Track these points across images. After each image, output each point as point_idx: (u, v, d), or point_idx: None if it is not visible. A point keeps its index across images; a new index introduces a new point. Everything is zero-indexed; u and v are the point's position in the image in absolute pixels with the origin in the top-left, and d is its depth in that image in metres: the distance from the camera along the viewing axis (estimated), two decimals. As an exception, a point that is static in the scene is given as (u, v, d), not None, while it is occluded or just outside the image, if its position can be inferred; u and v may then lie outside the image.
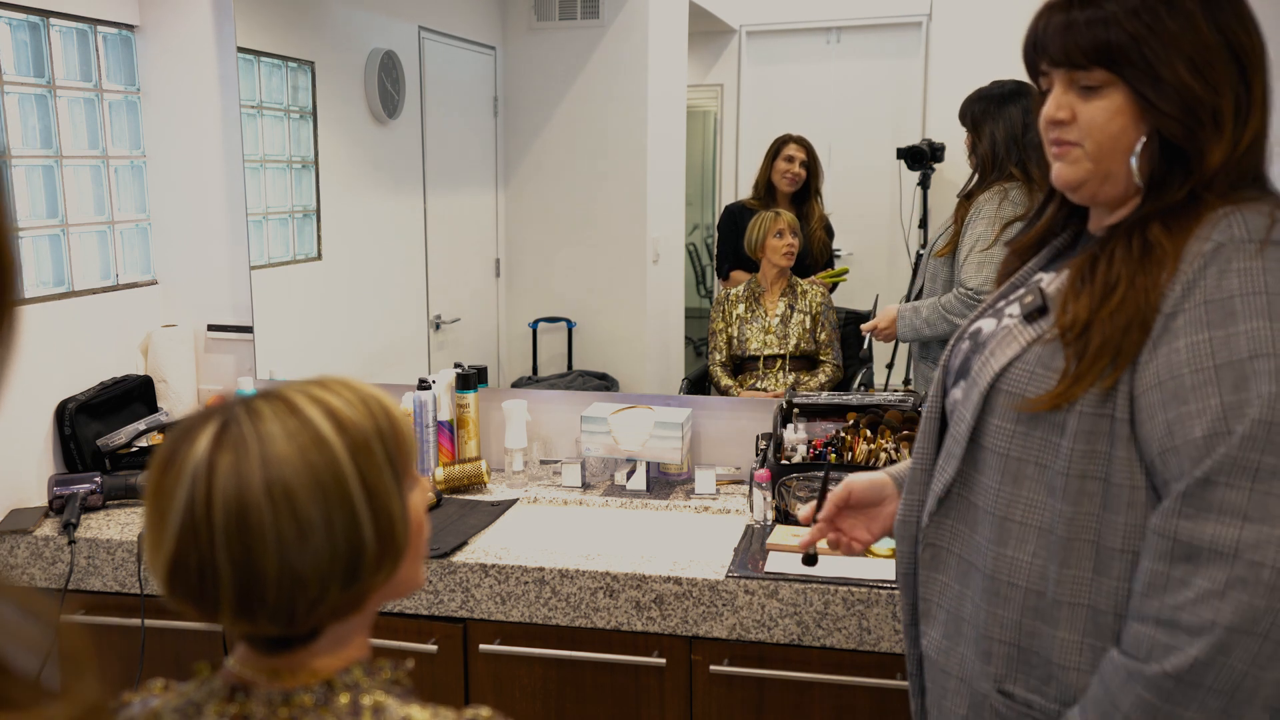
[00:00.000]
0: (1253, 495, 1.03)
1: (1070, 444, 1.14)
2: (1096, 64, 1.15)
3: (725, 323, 2.67)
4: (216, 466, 0.83)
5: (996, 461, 1.20)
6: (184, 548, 0.83)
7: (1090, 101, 1.16)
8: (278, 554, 0.83)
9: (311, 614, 0.86)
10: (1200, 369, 1.07)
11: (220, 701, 0.88)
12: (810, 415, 2.35)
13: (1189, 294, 1.09)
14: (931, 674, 1.32)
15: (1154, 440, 1.10)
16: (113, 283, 2.62)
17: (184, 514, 0.83)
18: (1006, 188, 2.24)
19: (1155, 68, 1.12)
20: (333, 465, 0.85)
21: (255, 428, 0.85)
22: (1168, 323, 1.10)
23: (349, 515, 0.85)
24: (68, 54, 2.48)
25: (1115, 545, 1.13)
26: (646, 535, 2.25)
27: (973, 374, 1.25)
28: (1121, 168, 1.17)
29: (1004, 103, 2.24)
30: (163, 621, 2.15)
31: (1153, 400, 1.10)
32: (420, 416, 2.49)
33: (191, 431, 0.86)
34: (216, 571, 0.83)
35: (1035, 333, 1.19)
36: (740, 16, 2.72)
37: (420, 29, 2.88)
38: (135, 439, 2.48)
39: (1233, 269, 1.08)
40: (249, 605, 0.84)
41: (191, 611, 0.86)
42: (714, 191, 2.82)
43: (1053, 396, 1.14)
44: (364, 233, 2.89)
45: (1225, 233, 1.09)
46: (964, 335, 1.33)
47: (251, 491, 0.82)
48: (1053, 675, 1.17)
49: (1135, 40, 1.13)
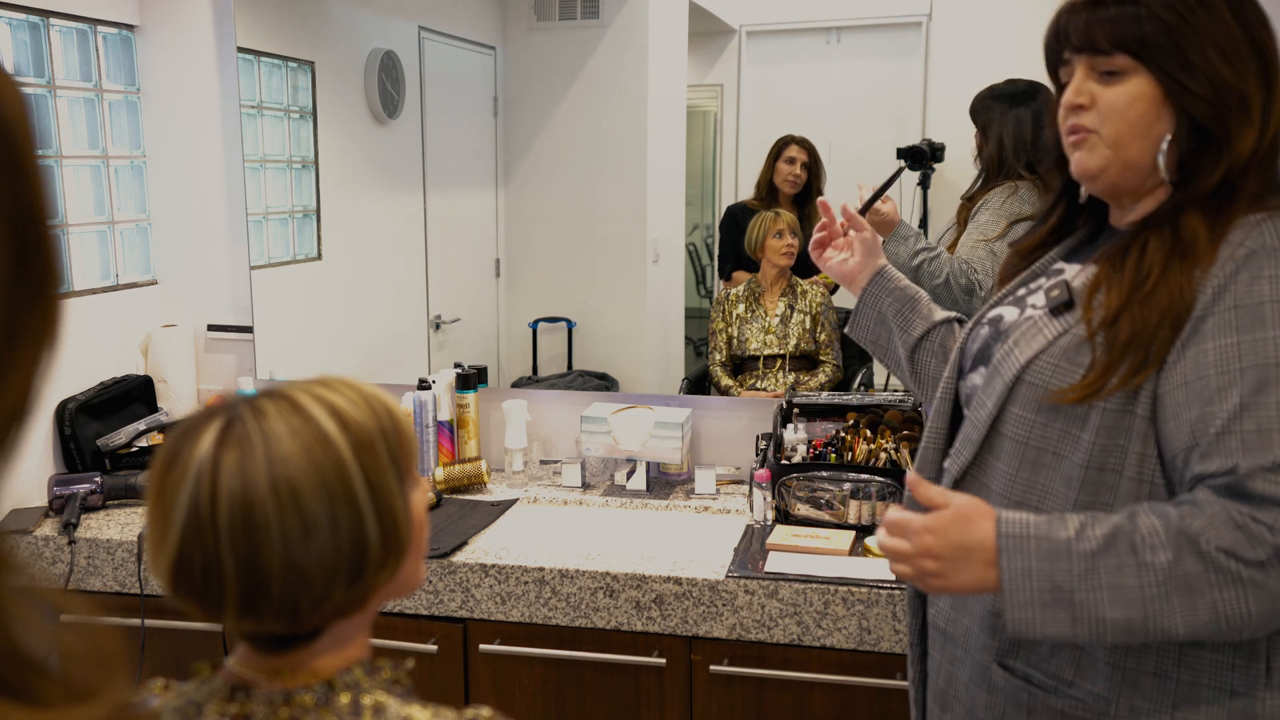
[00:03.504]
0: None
1: (1091, 438, 1.16)
2: (1119, 49, 1.17)
3: (725, 322, 2.67)
4: (221, 464, 0.83)
5: (1014, 449, 1.23)
6: (188, 546, 0.83)
7: (1111, 87, 1.19)
8: (283, 551, 0.83)
9: (315, 612, 0.86)
10: (1226, 371, 1.09)
11: (221, 701, 0.88)
12: (810, 415, 2.35)
13: (1220, 298, 1.11)
14: (937, 642, 1.37)
15: (1177, 438, 1.12)
16: (113, 283, 2.62)
17: (188, 512, 0.83)
18: (1018, 185, 2.20)
19: (1186, 53, 1.15)
20: (338, 464, 0.85)
21: (260, 426, 0.85)
22: (1197, 325, 1.12)
23: (354, 513, 0.85)
24: (68, 54, 2.48)
25: None
26: (646, 535, 2.25)
27: (994, 362, 1.27)
28: (1141, 156, 1.19)
29: (1014, 104, 2.20)
30: (162, 621, 2.15)
31: (1178, 400, 1.12)
32: (420, 416, 2.49)
33: (194, 430, 0.86)
34: (221, 569, 0.83)
35: (1061, 327, 1.21)
36: (740, 16, 2.72)
37: (420, 29, 2.88)
38: (135, 439, 2.48)
39: (1264, 275, 1.10)
40: (254, 603, 0.84)
41: (196, 610, 0.86)
42: (714, 191, 2.82)
43: (1080, 390, 1.15)
44: (364, 233, 2.89)
45: (1258, 239, 1.12)
46: (983, 321, 1.35)
47: (257, 489, 0.82)
48: (1054, 652, 1.21)
49: (1168, 28, 1.15)
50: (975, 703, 1.29)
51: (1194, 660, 1.15)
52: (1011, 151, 2.20)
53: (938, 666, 1.37)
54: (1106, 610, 1.09)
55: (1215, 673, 1.14)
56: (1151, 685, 1.16)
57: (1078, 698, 1.19)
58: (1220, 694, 1.14)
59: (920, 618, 1.43)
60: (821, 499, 2.16)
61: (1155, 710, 1.15)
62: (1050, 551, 1.10)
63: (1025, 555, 1.10)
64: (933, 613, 1.38)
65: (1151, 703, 1.15)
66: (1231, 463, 1.07)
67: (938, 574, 1.14)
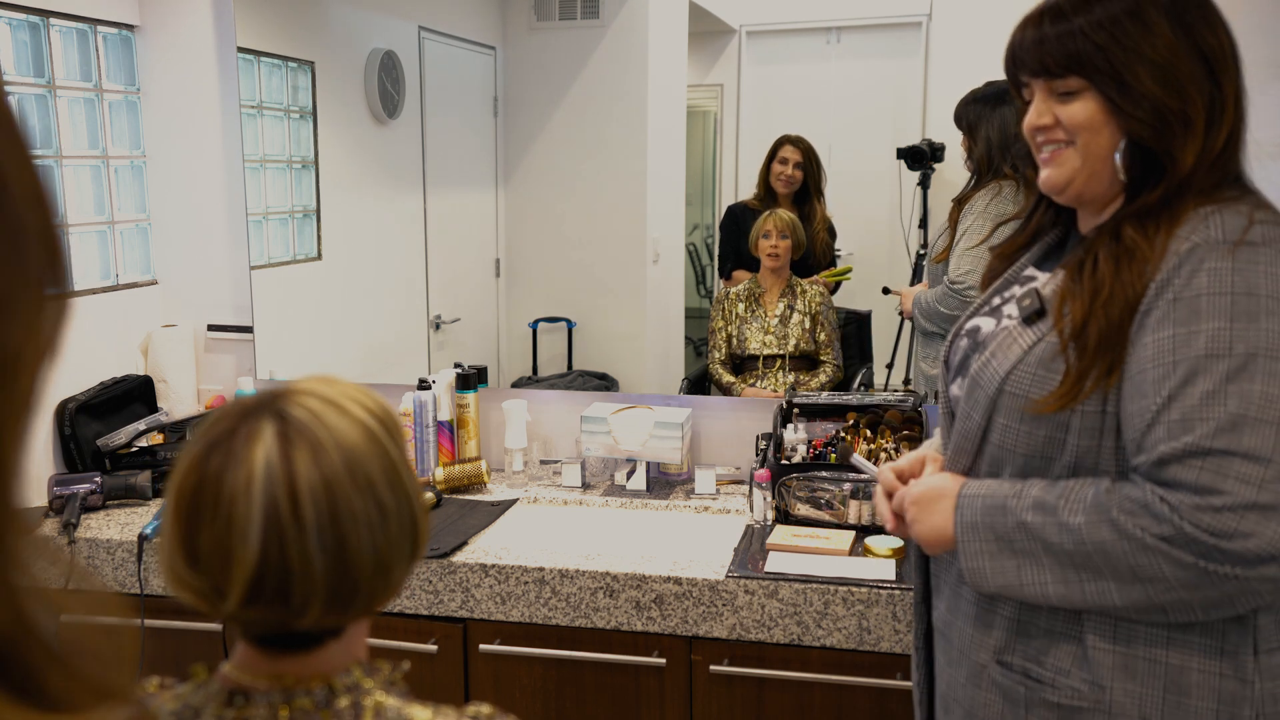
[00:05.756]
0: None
1: (1076, 440, 1.20)
2: (1070, 72, 1.20)
3: (725, 321, 2.67)
4: (294, 460, 0.83)
5: (1007, 457, 1.26)
6: (270, 549, 0.82)
7: (1067, 105, 1.22)
8: (369, 539, 0.85)
9: (379, 601, 0.89)
10: (1161, 364, 1.12)
11: (218, 706, 0.88)
12: (810, 415, 2.35)
13: (1162, 292, 1.14)
14: (940, 644, 1.39)
15: (1125, 431, 1.17)
16: (113, 283, 2.62)
17: (265, 515, 0.82)
18: (1001, 185, 2.25)
19: (1121, 74, 1.18)
20: (387, 452, 0.89)
21: (320, 421, 0.86)
22: (1142, 319, 1.15)
23: (405, 497, 0.89)
24: (68, 54, 2.48)
25: None
26: (646, 535, 2.25)
27: (973, 373, 1.30)
28: (1104, 166, 1.22)
29: (997, 104, 2.25)
30: (162, 621, 2.15)
31: (1125, 393, 1.16)
32: (420, 416, 2.49)
33: (231, 437, 0.85)
34: (309, 566, 0.83)
35: (1035, 335, 1.24)
36: (740, 16, 2.72)
37: (420, 29, 2.88)
38: (135, 439, 2.48)
39: (1204, 269, 1.13)
40: (340, 596, 0.85)
41: (271, 618, 0.85)
42: (714, 191, 2.82)
43: (1058, 399, 1.19)
44: (364, 233, 2.89)
45: (1203, 233, 1.14)
46: (961, 332, 1.38)
47: (339, 480, 0.84)
48: (1052, 645, 1.23)
49: (1100, 49, 1.18)
50: (974, 702, 1.30)
51: (1183, 644, 1.17)
52: (998, 150, 2.24)
53: (940, 670, 1.39)
54: (1043, 559, 1.17)
55: (1205, 657, 1.17)
56: (1144, 669, 1.18)
57: (1075, 688, 1.22)
58: (1209, 677, 1.16)
59: (925, 622, 1.44)
60: (821, 499, 2.16)
61: (1148, 694, 1.18)
62: (992, 507, 1.22)
63: (973, 510, 1.23)
64: (935, 616, 1.40)
65: (1144, 686, 1.18)
66: (1155, 452, 1.11)
67: (914, 520, 1.30)
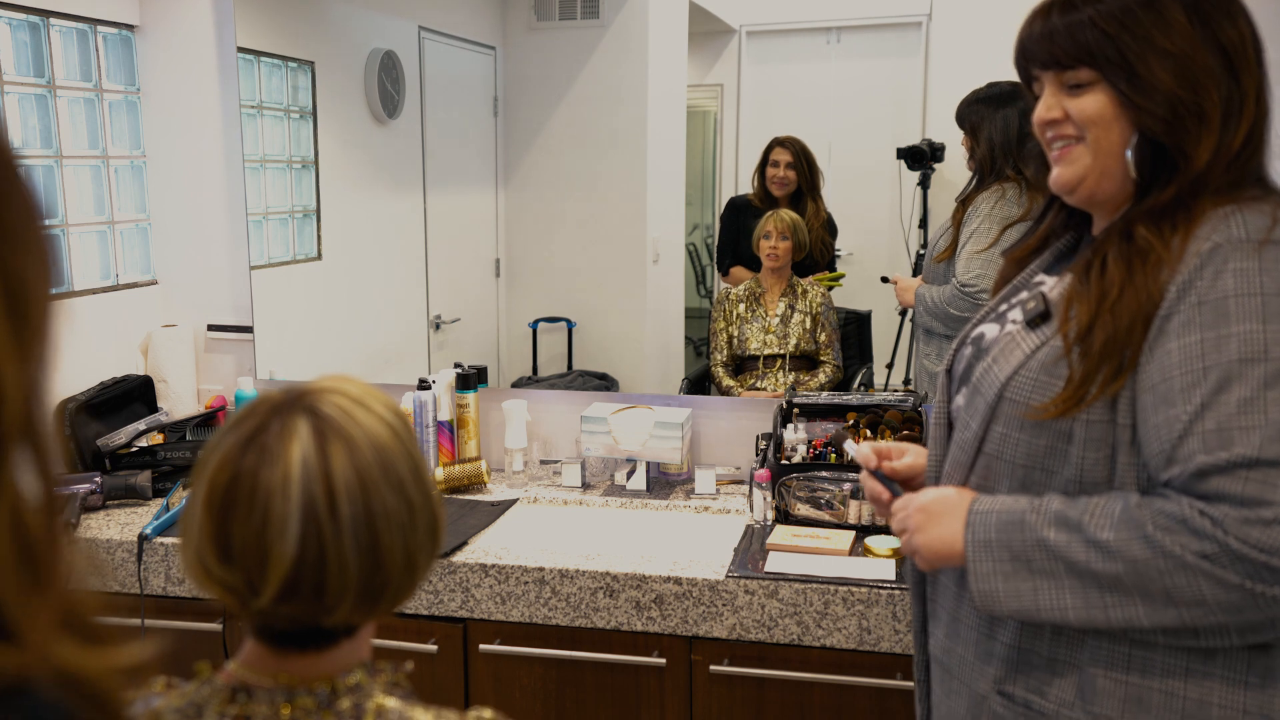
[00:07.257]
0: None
1: (1080, 451, 1.14)
2: (1079, 63, 1.16)
3: (726, 321, 2.68)
4: (331, 458, 0.85)
5: (1004, 468, 1.20)
6: (309, 547, 0.84)
7: (1077, 99, 1.17)
8: (401, 537, 0.87)
9: (406, 595, 0.91)
10: (1190, 370, 1.06)
11: (221, 702, 0.88)
12: (810, 415, 2.35)
13: (1184, 295, 1.08)
14: (937, 674, 1.33)
15: (1148, 444, 1.10)
16: (113, 283, 2.62)
17: (303, 511, 0.84)
18: (1004, 187, 2.25)
19: (1132, 66, 1.12)
20: (410, 451, 0.91)
21: (351, 419, 0.87)
22: (1163, 324, 1.09)
23: (429, 496, 0.91)
24: (68, 54, 2.48)
25: None
26: (646, 535, 2.25)
27: (974, 381, 1.24)
28: (1115, 164, 1.17)
29: (1000, 105, 2.25)
30: (163, 621, 2.15)
31: (1146, 404, 1.10)
32: (420, 416, 2.49)
33: (261, 437, 0.86)
34: (344, 563, 0.84)
35: (1039, 339, 1.18)
36: (740, 16, 2.72)
37: (420, 29, 2.88)
38: (135, 439, 2.48)
39: (1229, 269, 1.07)
40: (371, 593, 0.87)
41: (302, 615, 0.86)
42: (714, 191, 2.82)
43: (1060, 404, 1.13)
44: (364, 233, 2.89)
45: (1224, 233, 1.09)
46: (966, 340, 1.32)
47: (373, 479, 0.86)
48: (1054, 675, 1.17)
49: (1111, 39, 1.13)
50: None
51: (1203, 676, 1.10)
52: (1001, 151, 2.24)
53: (938, 702, 1.33)
54: (1065, 580, 1.09)
55: (1227, 688, 1.10)
56: (1159, 703, 1.12)
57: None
58: (1232, 713, 1.10)
59: (925, 653, 1.38)
60: (821, 499, 2.16)
61: None
62: (1007, 523, 1.14)
63: (986, 528, 1.16)
64: (932, 644, 1.34)
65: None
66: (1192, 464, 1.05)
67: (918, 528, 1.23)
